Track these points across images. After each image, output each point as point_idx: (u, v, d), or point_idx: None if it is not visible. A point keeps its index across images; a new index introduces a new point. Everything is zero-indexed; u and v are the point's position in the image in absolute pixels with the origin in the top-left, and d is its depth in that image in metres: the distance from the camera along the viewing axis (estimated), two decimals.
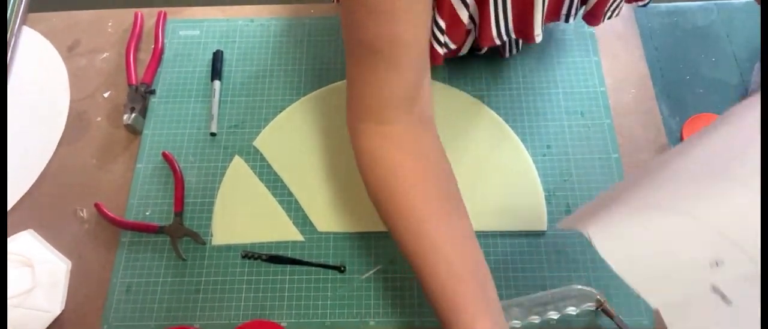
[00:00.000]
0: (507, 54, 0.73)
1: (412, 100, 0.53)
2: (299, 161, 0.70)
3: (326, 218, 0.66)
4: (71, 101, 0.75)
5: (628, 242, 0.39)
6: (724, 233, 0.37)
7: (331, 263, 0.64)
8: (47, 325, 0.61)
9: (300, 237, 0.65)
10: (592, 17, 0.65)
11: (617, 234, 0.39)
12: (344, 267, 0.63)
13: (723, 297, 0.36)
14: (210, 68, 0.77)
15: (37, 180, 0.70)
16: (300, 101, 0.74)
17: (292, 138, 0.71)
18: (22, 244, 0.64)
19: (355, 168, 0.55)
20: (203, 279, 0.63)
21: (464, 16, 0.58)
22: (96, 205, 0.67)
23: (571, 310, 0.60)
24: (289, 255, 0.64)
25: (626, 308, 0.60)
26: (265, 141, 0.71)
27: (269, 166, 0.70)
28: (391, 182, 0.52)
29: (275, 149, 0.71)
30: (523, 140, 0.70)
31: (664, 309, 0.36)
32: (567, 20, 0.64)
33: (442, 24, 0.58)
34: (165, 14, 0.81)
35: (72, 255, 0.65)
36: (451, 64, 0.75)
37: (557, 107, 0.72)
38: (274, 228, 0.66)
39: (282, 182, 0.69)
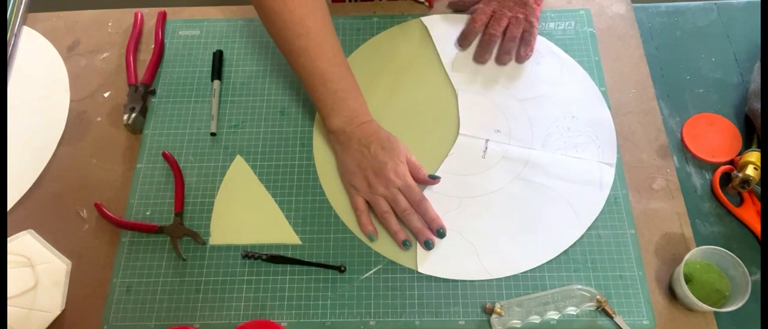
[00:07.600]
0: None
1: None
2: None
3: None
4: (71, 101, 0.75)
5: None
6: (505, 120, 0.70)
7: (331, 263, 0.64)
8: (47, 325, 0.61)
9: (297, 241, 0.65)
10: None
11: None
12: (344, 267, 0.63)
13: (485, 149, 0.68)
14: (210, 68, 0.77)
15: (37, 180, 0.70)
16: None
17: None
18: (23, 244, 0.65)
19: None
20: (203, 279, 0.63)
21: None
22: (96, 205, 0.67)
23: (571, 310, 0.60)
24: (289, 255, 0.64)
25: (626, 308, 0.60)
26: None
27: (269, 166, 0.70)
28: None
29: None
30: None
31: (463, 135, 0.69)
32: None
33: None
34: (165, 14, 0.81)
35: (72, 255, 0.65)
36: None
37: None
38: (272, 231, 0.66)
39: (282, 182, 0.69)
